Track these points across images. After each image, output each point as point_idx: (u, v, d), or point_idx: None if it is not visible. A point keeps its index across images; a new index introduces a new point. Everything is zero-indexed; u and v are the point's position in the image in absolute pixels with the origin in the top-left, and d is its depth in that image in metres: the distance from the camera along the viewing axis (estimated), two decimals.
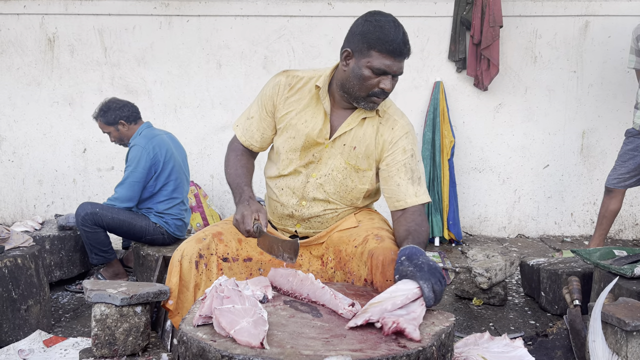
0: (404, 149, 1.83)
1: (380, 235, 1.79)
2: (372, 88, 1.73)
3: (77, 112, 4.57)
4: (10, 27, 4.49)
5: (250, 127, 1.95)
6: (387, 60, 1.68)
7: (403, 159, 1.83)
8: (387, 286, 1.66)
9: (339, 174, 1.87)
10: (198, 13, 4.43)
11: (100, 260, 3.15)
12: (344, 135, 1.84)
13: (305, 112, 1.86)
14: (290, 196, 1.91)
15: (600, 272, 2.42)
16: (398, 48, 1.67)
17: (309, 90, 1.86)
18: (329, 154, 1.86)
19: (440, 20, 4.40)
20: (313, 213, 1.91)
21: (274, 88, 1.89)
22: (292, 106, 1.87)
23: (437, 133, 4.29)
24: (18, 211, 4.72)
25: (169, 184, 3.21)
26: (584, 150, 4.50)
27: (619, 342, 1.71)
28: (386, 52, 1.67)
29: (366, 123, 1.84)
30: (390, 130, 1.85)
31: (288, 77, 1.90)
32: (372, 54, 1.69)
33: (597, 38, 4.37)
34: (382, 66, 1.69)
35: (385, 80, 1.71)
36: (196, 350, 1.21)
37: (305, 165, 1.88)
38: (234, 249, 1.85)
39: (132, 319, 1.63)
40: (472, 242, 4.42)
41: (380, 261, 1.67)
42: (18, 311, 2.37)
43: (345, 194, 1.90)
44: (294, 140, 1.87)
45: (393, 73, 1.71)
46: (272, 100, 1.90)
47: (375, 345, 1.20)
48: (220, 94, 4.53)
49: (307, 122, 1.85)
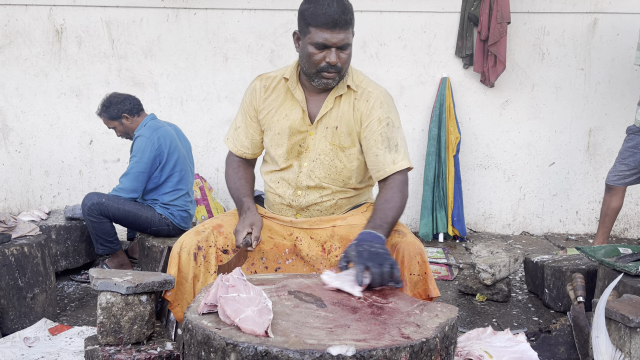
0: (379, 118, 1.84)
1: (402, 231, 1.80)
2: (319, 63, 1.75)
3: (84, 104, 4.59)
4: (18, 18, 4.50)
5: (238, 136, 2.01)
6: (325, 33, 1.70)
7: (379, 129, 1.84)
8: (412, 280, 1.69)
9: (325, 156, 1.89)
10: (205, 6, 4.44)
11: (105, 250, 3.17)
12: (324, 118, 1.87)
13: (284, 106, 1.90)
14: (286, 187, 1.95)
15: (605, 270, 2.42)
16: (332, 19, 1.68)
17: (282, 86, 1.91)
18: (314, 140, 1.89)
19: (448, 16, 4.39)
20: (310, 201, 1.93)
21: (251, 94, 1.95)
22: (270, 105, 1.92)
23: (443, 129, 4.28)
24: (24, 201, 4.75)
25: (174, 175, 3.22)
26: (590, 148, 4.48)
27: (623, 339, 1.71)
28: (322, 25, 1.69)
29: (342, 101, 1.87)
30: (365, 102, 1.86)
31: (262, 80, 1.95)
32: (311, 30, 1.72)
33: (605, 35, 4.35)
34: (321, 39, 1.71)
35: (330, 54, 1.73)
36: (201, 337, 1.22)
37: (297, 157, 1.91)
38: (233, 241, 1.86)
39: (138, 308, 1.64)
40: (476, 238, 4.42)
41: (405, 255, 1.69)
42: (24, 299, 2.39)
43: (335, 175, 1.91)
44: (279, 136, 1.90)
45: (333, 45, 1.72)
46: (252, 106, 1.95)
47: (379, 335, 1.21)
48: (227, 87, 4.54)
49: (288, 115, 1.89)
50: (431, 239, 4.32)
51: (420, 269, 1.70)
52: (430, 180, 4.29)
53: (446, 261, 3.70)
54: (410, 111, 4.50)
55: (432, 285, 1.71)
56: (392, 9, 4.39)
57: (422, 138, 4.51)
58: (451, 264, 3.64)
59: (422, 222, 4.31)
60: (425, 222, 4.29)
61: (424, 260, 1.71)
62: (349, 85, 1.86)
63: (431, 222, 4.29)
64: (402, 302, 1.46)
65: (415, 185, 4.58)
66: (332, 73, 1.77)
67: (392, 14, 4.40)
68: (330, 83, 1.81)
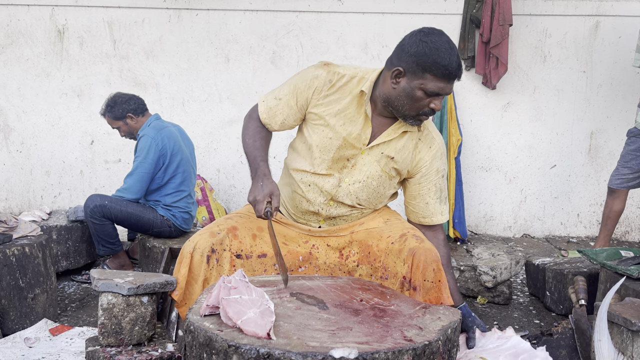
0: (437, 170, 1.91)
1: (419, 236, 1.82)
2: (422, 108, 1.74)
3: (86, 104, 4.59)
4: (20, 18, 4.50)
5: (275, 107, 1.88)
6: (441, 83, 1.69)
7: (435, 179, 1.92)
8: (425, 286, 1.70)
9: (373, 181, 1.88)
10: (207, 7, 4.44)
11: (107, 251, 3.17)
12: (383, 145, 1.84)
13: (345, 113, 1.81)
14: (317, 194, 1.89)
15: (607, 273, 2.41)
16: (453, 72, 1.68)
17: (349, 91, 1.81)
18: (364, 160, 1.85)
19: (450, 18, 4.39)
20: (340, 213, 1.92)
21: (311, 81, 1.82)
22: (331, 105, 1.82)
23: (444, 131, 4.28)
24: (25, 201, 4.75)
25: (176, 177, 3.22)
26: (591, 151, 4.48)
27: (625, 342, 1.71)
28: (441, 76, 1.67)
29: (406, 136, 1.86)
30: (428, 148, 1.89)
31: (329, 72, 1.82)
32: (427, 76, 1.68)
33: (607, 38, 4.34)
34: (436, 89, 1.69)
35: (437, 101, 1.73)
36: (203, 339, 1.21)
37: (339, 169, 1.86)
38: (247, 245, 1.83)
39: (139, 309, 1.64)
40: (477, 241, 4.41)
41: (422, 261, 1.70)
42: (25, 299, 2.39)
43: (375, 200, 1.93)
44: (330, 140, 1.83)
45: (445, 94, 1.73)
46: (305, 94, 1.83)
47: (381, 338, 1.20)
48: (228, 88, 4.54)
49: (346, 125, 1.81)
50: None
51: (435, 277, 1.70)
52: None
53: None
54: None
55: (445, 293, 1.71)
56: (394, 11, 4.39)
57: None
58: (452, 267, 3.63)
59: None
60: None
61: (440, 268, 1.72)
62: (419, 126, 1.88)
63: None
64: (404, 304, 1.46)
65: None
66: (428, 116, 1.80)
67: (394, 15, 4.40)
68: (421, 124, 1.83)
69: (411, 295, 1.68)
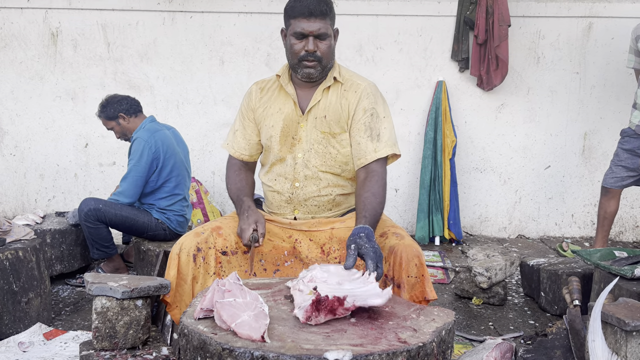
0: (364, 108, 1.92)
1: (400, 233, 1.83)
2: (299, 52, 1.85)
3: (80, 107, 4.57)
4: (13, 20, 4.49)
5: (236, 139, 2.07)
6: (302, 22, 1.82)
7: (363, 118, 1.92)
8: (409, 282, 1.69)
9: (319, 145, 1.95)
10: (201, 9, 4.43)
11: (101, 255, 3.16)
12: (313, 109, 1.95)
13: (277, 102, 1.99)
14: (283, 182, 1.99)
15: (601, 273, 2.42)
16: (308, 9, 1.80)
17: (275, 85, 2.02)
18: (306, 131, 1.95)
19: (444, 20, 4.40)
20: (308, 194, 1.96)
21: (248, 97, 2.06)
22: (265, 103, 2.02)
23: (439, 132, 4.29)
24: (19, 205, 4.73)
25: (170, 180, 3.21)
26: (585, 152, 4.50)
27: (619, 342, 1.72)
28: (299, 15, 1.82)
29: (330, 92, 1.95)
30: (353, 93, 1.94)
31: (257, 84, 2.07)
32: (291, 22, 1.85)
33: (600, 39, 4.37)
34: (299, 29, 1.82)
35: (308, 43, 1.83)
36: (197, 343, 1.21)
37: (290, 149, 1.97)
38: (232, 242, 1.88)
39: (133, 312, 1.63)
40: (472, 242, 4.42)
41: (403, 258, 1.71)
42: (19, 304, 2.38)
43: (331, 162, 1.96)
44: (272, 128, 1.97)
45: (310, 34, 1.82)
46: (249, 107, 2.04)
47: (375, 340, 1.20)
48: (223, 90, 4.53)
49: (281, 109, 1.98)
50: (427, 242, 4.32)
51: (418, 272, 1.71)
52: (426, 183, 4.30)
53: (442, 264, 3.70)
54: (406, 114, 4.50)
55: (429, 287, 1.72)
56: (388, 13, 4.40)
57: (418, 141, 4.51)
58: (447, 268, 3.64)
59: (418, 226, 4.31)
60: (421, 225, 4.29)
61: (422, 263, 1.72)
62: (335, 77, 1.95)
63: (427, 226, 4.30)
64: (398, 306, 1.46)
65: (411, 189, 4.58)
66: (312, 62, 1.86)
67: (388, 17, 4.41)
68: (312, 73, 1.89)
69: (396, 293, 1.69)
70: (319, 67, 1.88)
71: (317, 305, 1.27)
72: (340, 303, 1.29)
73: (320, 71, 1.90)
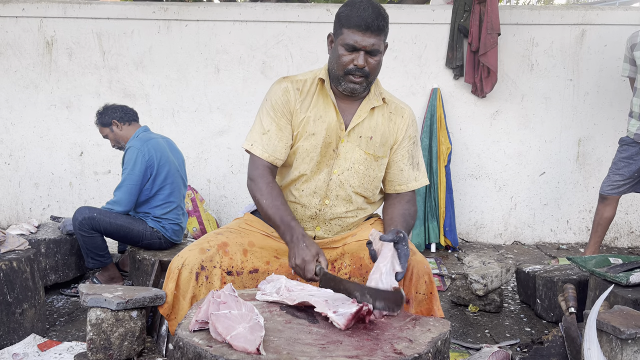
0: (410, 136, 1.92)
1: (411, 248, 1.80)
2: (347, 65, 1.75)
3: (75, 116, 4.57)
4: (8, 29, 4.48)
5: (270, 141, 1.85)
6: (356, 35, 1.71)
7: (408, 146, 1.92)
8: (417, 299, 1.70)
9: (360, 165, 1.88)
10: (197, 18, 4.44)
11: (96, 264, 3.14)
12: (358, 127, 1.86)
13: (317, 108, 1.85)
14: (311, 196, 1.88)
15: (596, 280, 2.43)
16: (365, 22, 1.70)
17: (313, 90, 1.88)
18: (347, 147, 1.87)
19: (438, 28, 4.42)
20: (336, 213, 1.90)
21: (285, 95, 1.86)
22: (306, 108, 1.86)
23: (434, 139, 4.30)
24: (14, 214, 4.70)
25: (164, 188, 3.20)
26: (579, 158, 4.52)
27: (614, 350, 1.72)
28: (354, 27, 1.71)
29: (376, 112, 1.89)
30: (401, 117, 1.91)
31: (293, 82, 1.88)
32: (344, 31, 1.74)
33: (593, 46, 4.40)
34: (352, 41, 1.72)
35: (359, 57, 1.73)
36: (192, 355, 1.21)
37: (328, 163, 1.87)
38: (238, 262, 1.81)
39: (128, 324, 1.63)
40: (468, 248, 4.42)
41: (414, 274, 1.70)
42: (13, 315, 2.36)
43: (369, 184, 1.92)
44: (314, 137, 1.84)
45: (363, 48, 1.73)
46: (287, 107, 1.86)
47: (371, 351, 1.20)
48: (218, 98, 4.54)
49: (322, 117, 1.85)
50: (423, 249, 4.32)
51: (427, 289, 1.71)
52: (421, 190, 4.30)
53: (438, 272, 3.70)
54: None
55: (436, 305, 1.71)
56: None
57: None
58: (443, 275, 3.64)
59: (414, 233, 4.32)
60: (417, 232, 4.30)
61: (431, 280, 1.72)
62: (384, 97, 1.89)
63: (423, 233, 4.30)
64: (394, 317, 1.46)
65: None
66: (358, 77, 1.77)
67: None
68: (357, 88, 1.80)
69: (404, 308, 1.68)
70: (365, 83, 1.79)
71: (357, 314, 1.33)
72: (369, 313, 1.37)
73: (365, 87, 1.81)
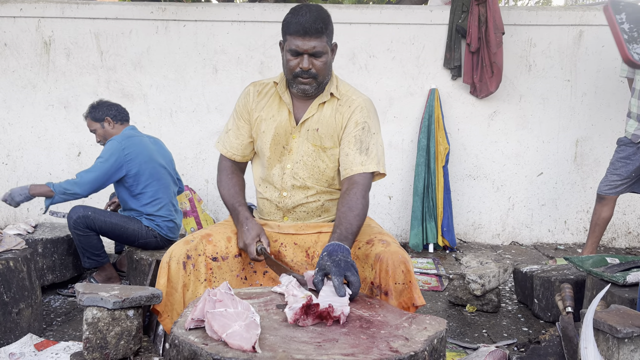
0: (355, 122, 1.93)
1: (386, 240, 1.82)
2: (294, 69, 1.85)
3: (72, 116, 4.56)
4: (6, 29, 4.48)
5: (228, 139, 2.07)
6: (297, 40, 1.81)
7: (354, 131, 1.92)
8: (397, 289, 1.69)
9: (308, 157, 1.96)
10: (195, 18, 4.44)
11: (92, 263, 3.13)
12: (307, 122, 1.96)
13: (272, 108, 2.00)
14: (272, 191, 2.01)
15: (593, 280, 2.43)
16: (303, 27, 1.79)
17: (273, 91, 2.02)
18: (297, 142, 1.96)
19: (436, 28, 4.43)
20: (296, 202, 1.98)
21: (245, 97, 2.04)
22: (262, 108, 2.01)
23: (432, 140, 4.30)
24: (11, 214, 4.69)
25: (150, 185, 3.16)
26: (577, 159, 4.53)
27: (611, 349, 1.72)
28: (295, 33, 1.81)
29: (325, 107, 1.96)
30: (347, 107, 1.95)
31: (255, 85, 2.06)
32: (287, 38, 1.84)
33: (590, 47, 4.41)
34: (294, 46, 1.82)
35: (303, 60, 1.83)
36: (188, 353, 1.20)
37: (279, 159, 1.98)
38: (223, 248, 1.89)
39: (124, 323, 1.62)
40: (466, 248, 4.43)
41: (389, 265, 1.70)
42: (9, 314, 2.35)
43: (319, 175, 1.97)
44: (264, 134, 1.98)
45: (305, 52, 1.82)
46: (246, 108, 2.03)
47: (367, 349, 1.20)
48: (216, 98, 4.54)
49: (275, 117, 1.98)
50: (421, 250, 4.33)
51: (405, 278, 1.71)
52: (419, 190, 4.30)
53: (436, 272, 3.70)
54: (399, 122, 4.52)
55: (416, 293, 1.71)
56: (380, 21, 4.43)
57: (412, 149, 4.53)
58: (441, 275, 3.64)
59: (412, 233, 4.32)
60: (415, 232, 4.30)
61: (408, 269, 1.72)
62: (332, 92, 1.96)
63: (421, 233, 4.30)
64: (390, 315, 1.46)
65: (405, 196, 4.59)
66: (306, 79, 1.87)
67: (380, 26, 4.44)
68: (308, 89, 1.89)
69: (384, 300, 1.68)
70: (315, 84, 1.88)
71: (306, 309, 1.34)
72: (329, 312, 1.35)
73: (316, 87, 1.90)
